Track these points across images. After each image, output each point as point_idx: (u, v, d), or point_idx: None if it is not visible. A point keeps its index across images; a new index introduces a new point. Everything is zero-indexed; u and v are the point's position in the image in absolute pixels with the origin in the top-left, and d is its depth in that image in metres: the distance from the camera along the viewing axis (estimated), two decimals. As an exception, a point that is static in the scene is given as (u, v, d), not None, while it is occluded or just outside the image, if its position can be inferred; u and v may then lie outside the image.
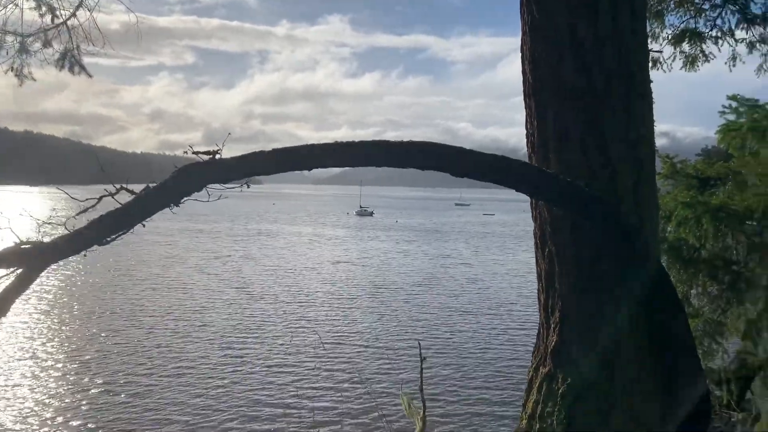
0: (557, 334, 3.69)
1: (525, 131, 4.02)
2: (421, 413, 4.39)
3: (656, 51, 8.61)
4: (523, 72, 3.98)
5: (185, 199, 3.48)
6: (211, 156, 3.51)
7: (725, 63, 9.26)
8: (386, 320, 32.45)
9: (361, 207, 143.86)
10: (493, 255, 64.41)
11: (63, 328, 29.62)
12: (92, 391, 21.11)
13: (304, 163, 3.47)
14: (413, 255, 63.79)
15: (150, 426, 18.32)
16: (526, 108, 4.00)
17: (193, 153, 3.56)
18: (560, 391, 3.58)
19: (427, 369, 22.20)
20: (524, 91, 4.00)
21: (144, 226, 3.39)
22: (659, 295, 3.31)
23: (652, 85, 3.96)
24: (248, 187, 4.28)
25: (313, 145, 3.45)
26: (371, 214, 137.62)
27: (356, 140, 3.44)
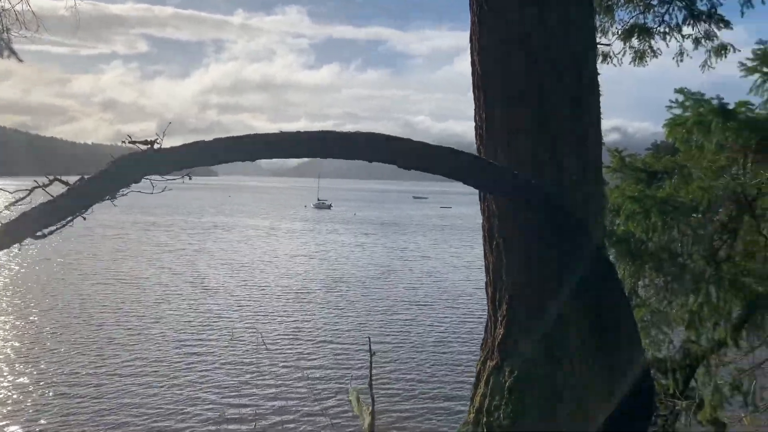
0: (504, 326, 3.68)
1: (474, 123, 4.00)
2: (370, 408, 4.34)
3: (605, 44, 8.73)
4: (472, 63, 3.95)
5: (125, 191, 3.35)
6: (149, 146, 3.37)
7: (673, 58, 9.47)
8: (341, 314, 32.35)
9: (318, 200, 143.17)
10: (451, 248, 64.91)
11: (7, 326, 28.61)
12: (37, 389, 20.45)
13: (247, 153, 3.37)
14: (370, 248, 63.81)
15: (93, 425, 17.87)
16: (474, 100, 3.97)
17: (131, 142, 3.42)
18: (507, 384, 3.57)
19: (379, 364, 22.20)
20: (473, 83, 3.97)
21: (85, 219, 3.25)
22: (604, 286, 3.32)
23: (604, 80, 3.99)
24: (189, 178, 4.13)
25: (256, 135, 3.35)
26: (329, 206, 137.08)
27: (303, 130, 3.36)
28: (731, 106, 6.20)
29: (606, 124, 4.05)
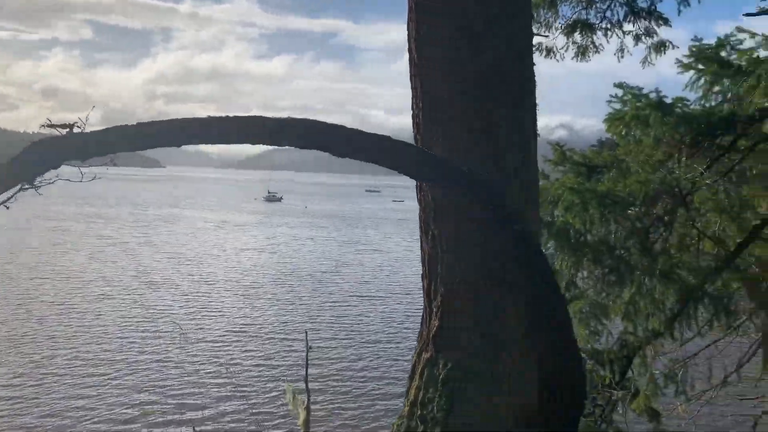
0: (439, 318, 3.63)
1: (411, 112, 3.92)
2: (305, 403, 4.25)
3: (542, 35, 8.80)
4: (409, 51, 3.87)
5: (50, 179, 3.16)
6: (68, 129, 3.19)
7: (614, 54, 9.63)
8: (288, 309, 32.02)
9: (269, 192, 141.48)
10: (403, 241, 65.04)
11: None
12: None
13: (172, 138, 3.21)
14: (321, 242, 63.47)
15: (28, 425, 17.22)
16: (412, 89, 3.90)
17: (49, 126, 3.23)
18: (441, 376, 3.52)
19: (322, 359, 22.05)
20: (410, 71, 3.89)
21: (8, 208, 3.05)
22: (537, 277, 3.30)
23: (553, 76, 3.99)
24: (115, 164, 3.94)
25: (183, 120, 3.20)
26: (280, 199, 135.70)
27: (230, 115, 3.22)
28: (669, 101, 6.32)
29: (553, 120, 4.10)
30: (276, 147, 3.44)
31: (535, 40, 9.69)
